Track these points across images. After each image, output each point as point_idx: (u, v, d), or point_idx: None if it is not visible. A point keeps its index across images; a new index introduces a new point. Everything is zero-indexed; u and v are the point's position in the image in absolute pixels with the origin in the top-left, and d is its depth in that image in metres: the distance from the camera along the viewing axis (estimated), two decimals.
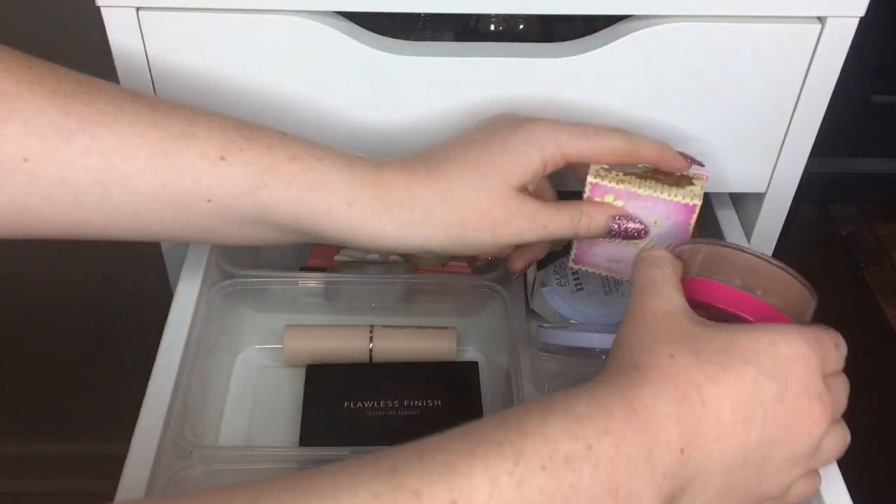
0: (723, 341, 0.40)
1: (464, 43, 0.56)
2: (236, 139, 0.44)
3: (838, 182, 0.86)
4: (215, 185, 0.44)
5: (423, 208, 0.46)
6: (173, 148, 0.43)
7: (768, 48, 0.53)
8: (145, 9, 0.51)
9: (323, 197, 0.45)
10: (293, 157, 0.45)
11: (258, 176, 0.44)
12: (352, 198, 0.46)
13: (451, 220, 0.47)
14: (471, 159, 0.47)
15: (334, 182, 0.45)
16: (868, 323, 0.80)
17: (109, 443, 0.84)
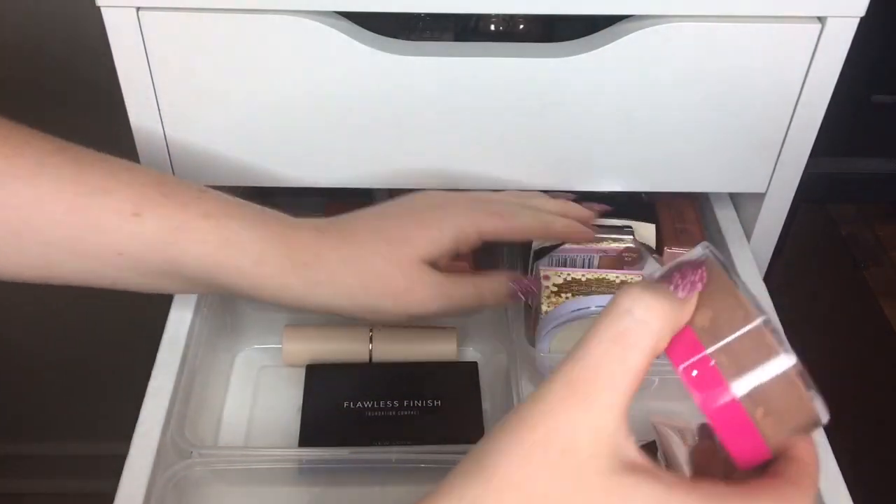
0: None
1: (464, 43, 0.56)
2: (153, 196, 0.45)
3: (838, 182, 0.86)
4: (127, 240, 0.45)
5: (329, 270, 0.47)
6: (88, 203, 0.44)
7: (768, 48, 0.53)
8: (145, 9, 0.51)
9: (233, 254, 0.46)
10: (207, 215, 0.46)
11: (171, 232, 0.45)
12: (261, 256, 0.46)
13: (354, 285, 0.48)
14: (382, 228, 0.49)
15: (245, 240, 0.46)
16: (868, 323, 0.80)
17: (109, 443, 0.84)
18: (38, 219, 0.44)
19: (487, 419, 0.59)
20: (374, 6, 0.51)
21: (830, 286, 0.89)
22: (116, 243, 0.45)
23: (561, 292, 0.56)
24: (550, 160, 0.58)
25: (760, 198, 0.61)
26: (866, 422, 0.83)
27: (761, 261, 0.64)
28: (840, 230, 0.85)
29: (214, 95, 0.55)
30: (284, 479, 0.55)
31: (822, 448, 0.51)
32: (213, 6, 0.51)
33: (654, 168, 0.59)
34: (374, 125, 0.56)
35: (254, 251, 0.46)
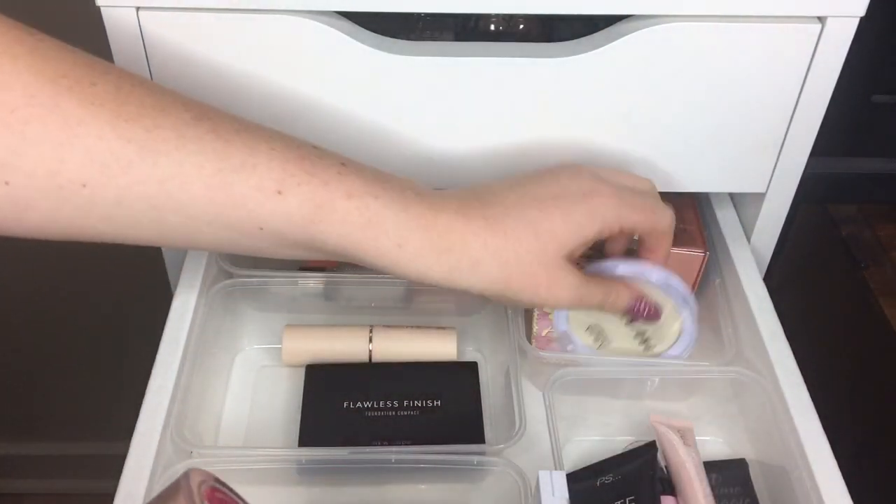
0: None
1: (464, 43, 0.56)
2: (295, 172, 0.44)
3: (838, 182, 0.86)
4: (269, 216, 0.44)
5: (473, 258, 0.47)
6: (231, 180, 0.43)
7: (768, 48, 0.53)
8: (145, 9, 0.51)
9: (374, 236, 0.45)
10: (349, 195, 0.45)
11: (313, 211, 0.45)
12: (403, 239, 0.46)
13: (497, 276, 0.47)
14: (530, 219, 0.47)
15: (387, 222, 0.45)
16: (868, 323, 0.80)
17: (109, 443, 0.84)
18: (179, 194, 0.43)
19: (487, 419, 0.59)
20: (374, 6, 0.51)
21: (830, 286, 0.89)
22: (258, 219, 0.44)
23: None
24: (550, 160, 0.58)
25: (760, 198, 0.61)
26: (866, 422, 0.83)
27: (761, 261, 0.64)
28: (840, 230, 0.85)
29: (214, 95, 0.54)
30: (284, 479, 0.55)
31: (822, 447, 0.51)
32: (213, 6, 0.51)
33: (654, 168, 0.59)
34: (375, 125, 0.56)
35: (396, 234, 0.45)
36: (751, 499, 0.54)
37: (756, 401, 0.56)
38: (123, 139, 0.41)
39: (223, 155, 0.43)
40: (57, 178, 0.41)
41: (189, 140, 0.43)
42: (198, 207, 0.44)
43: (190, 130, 0.43)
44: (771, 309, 0.59)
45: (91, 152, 0.41)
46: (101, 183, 0.42)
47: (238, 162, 0.43)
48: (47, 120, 0.40)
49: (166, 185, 0.43)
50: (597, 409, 0.60)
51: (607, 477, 0.51)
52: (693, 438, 0.53)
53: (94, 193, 0.42)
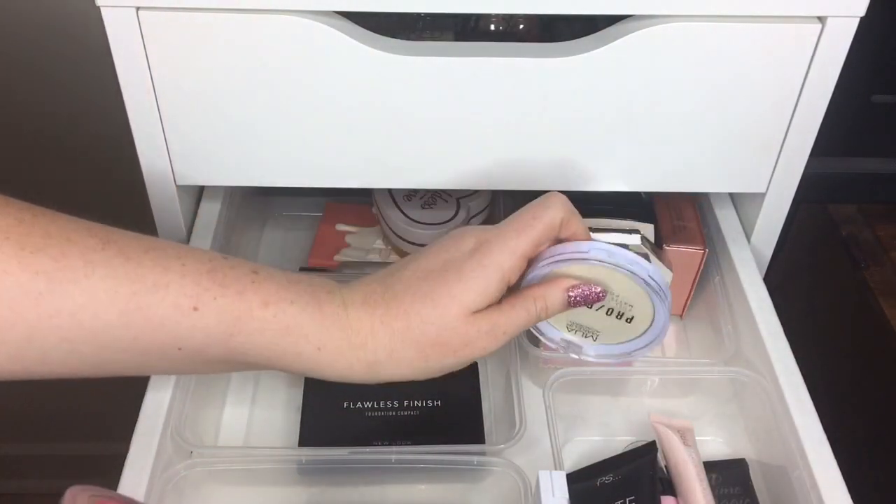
0: None
1: (464, 43, 0.56)
2: (209, 286, 0.44)
3: (838, 182, 0.86)
4: (187, 334, 0.44)
5: (386, 348, 0.46)
6: (146, 301, 0.42)
7: (768, 48, 0.53)
8: (145, 9, 0.51)
9: (294, 341, 0.45)
10: (266, 303, 0.44)
11: (231, 323, 0.44)
12: (321, 342, 0.45)
13: (413, 357, 0.46)
14: (426, 291, 0.46)
15: (305, 326, 0.45)
16: (868, 323, 0.80)
17: (109, 443, 0.84)
18: (92, 323, 0.41)
19: (487, 419, 0.59)
20: (374, 6, 0.51)
21: (830, 286, 0.89)
22: (176, 338, 0.43)
23: None
24: (550, 160, 0.58)
25: (760, 198, 0.61)
26: (866, 422, 0.83)
27: (761, 261, 0.64)
28: (840, 230, 0.85)
29: (214, 95, 0.55)
30: (284, 479, 0.55)
31: (822, 447, 0.51)
32: (213, 6, 0.51)
33: (654, 168, 0.59)
34: (374, 125, 0.56)
35: (315, 337, 0.45)
36: (750, 499, 0.54)
37: (756, 400, 0.56)
38: (31, 272, 0.40)
39: (134, 277, 0.42)
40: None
41: (98, 265, 0.42)
42: (113, 334, 0.42)
43: (97, 255, 0.42)
44: (771, 309, 0.59)
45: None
46: (9, 320, 0.40)
47: (151, 283, 0.43)
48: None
49: (78, 315, 0.41)
50: (597, 409, 0.60)
51: (607, 477, 0.51)
52: (693, 438, 0.53)
53: (3, 330, 0.40)
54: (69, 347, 0.42)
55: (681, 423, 0.54)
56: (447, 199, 0.68)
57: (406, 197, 0.68)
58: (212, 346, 0.44)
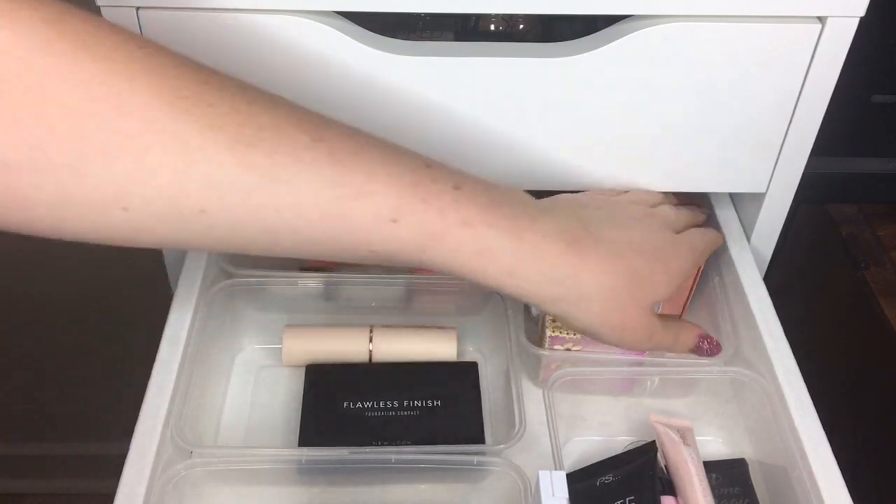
0: None
1: (464, 43, 0.56)
2: (411, 200, 0.43)
3: (838, 182, 0.86)
4: (382, 242, 0.44)
5: (581, 293, 0.47)
6: (348, 207, 0.42)
7: (768, 48, 0.53)
8: (145, 8, 0.51)
9: (485, 264, 0.45)
10: (464, 223, 0.44)
11: (426, 239, 0.44)
12: (512, 268, 0.46)
13: (597, 313, 0.48)
14: (639, 268, 0.49)
15: (499, 251, 0.45)
16: (868, 323, 0.80)
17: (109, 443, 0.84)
18: (296, 221, 0.42)
19: (487, 419, 0.59)
20: (374, 6, 0.51)
21: (830, 286, 0.89)
22: (369, 242, 0.44)
23: None
24: (550, 160, 0.58)
25: (760, 198, 0.61)
26: (866, 422, 0.83)
27: (761, 261, 0.64)
28: (840, 230, 0.85)
29: None
30: (284, 479, 0.55)
31: (822, 447, 0.51)
32: (213, 6, 0.51)
33: (654, 168, 0.59)
34: (374, 125, 0.56)
35: (505, 263, 0.45)
36: (750, 499, 0.54)
37: (756, 400, 0.56)
38: (243, 166, 0.40)
39: (340, 181, 0.42)
40: (176, 205, 0.40)
41: (307, 165, 0.42)
42: (312, 231, 0.43)
43: (308, 154, 0.42)
44: (771, 309, 0.59)
45: (211, 180, 0.40)
46: (219, 209, 0.41)
47: (356, 189, 0.43)
48: (168, 147, 0.39)
49: (284, 212, 0.42)
50: (597, 409, 0.60)
51: (607, 477, 0.51)
52: (693, 438, 0.53)
53: (212, 219, 0.41)
54: (271, 238, 0.43)
55: (681, 422, 0.55)
56: None
57: None
58: (402, 254, 0.44)
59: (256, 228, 0.42)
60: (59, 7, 0.39)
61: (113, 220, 0.40)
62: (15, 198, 0.39)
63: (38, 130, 0.37)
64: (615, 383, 0.61)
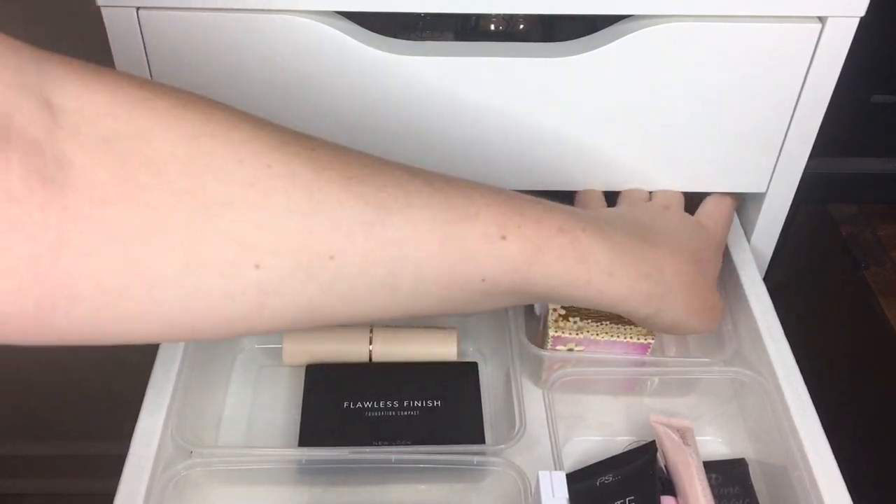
0: None
1: (464, 43, 0.56)
2: (511, 215, 0.43)
3: (838, 182, 0.86)
4: (493, 265, 0.43)
5: (667, 284, 0.48)
6: (460, 231, 0.42)
7: (768, 48, 0.53)
8: (145, 8, 0.51)
9: (587, 268, 0.45)
10: (561, 230, 0.44)
11: (533, 252, 0.44)
12: (612, 268, 0.46)
13: (680, 303, 0.49)
14: (696, 249, 0.52)
15: (598, 253, 0.45)
16: (868, 323, 0.80)
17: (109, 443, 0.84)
18: (415, 254, 0.41)
19: (487, 419, 0.59)
20: (374, 6, 0.51)
21: (830, 286, 0.89)
22: (482, 269, 0.43)
23: (569, 316, 0.57)
24: (550, 160, 0.58)
25: (760, 198, 0.61)
26: (866, 422, 0.83)
27: (761, 261, 0.64)
28: (840, 230, 0.85)
29: (214, 95, 0.54)
30: (284, 479, 0.55)
31: (822, 447, 0.51)
32: (213, 6, 0.51)
33: (654, 168, 0.59)
34: (375, 125, 0.56)
35: (605, 264, 0.46)
36: (750, 499, 0.54)
37: (756, 400, 0.56)
38: (361, 201, 0.39)
39: (446, 206, 0.42)
40: (306, 254, 0.38)
41: (414, 196, 0.41)
42: (431, 266, 0.42)
43: (411, 185, 0.41)
44: (771, 309, 0.59)
45: (335, 219, 0.38)
46: (346, 252, 0.39)
47: (462, 212, 0.42)
48: (289, 190, 0.37)
49: (404, 247, 0.40)
50: (597, 409, 0.60)
51: (607, 477, 0.51)
52: (693, 438, 0.53)
53: (340, 266, 0.39)
54: (393, 282, 0.41)
55: (681, 422, 0.55)
56: None
57: None
58: (511, 274, 0.44)
59: (380, 272, 0.40)
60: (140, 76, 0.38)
61: (245, 282, 0.37)
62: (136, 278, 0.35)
63: (158, 188, 0.35)
64: (617, 383, 0.61)
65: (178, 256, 0.36)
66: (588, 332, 0.56)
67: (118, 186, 0.34)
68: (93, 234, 0.34)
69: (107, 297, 0.35)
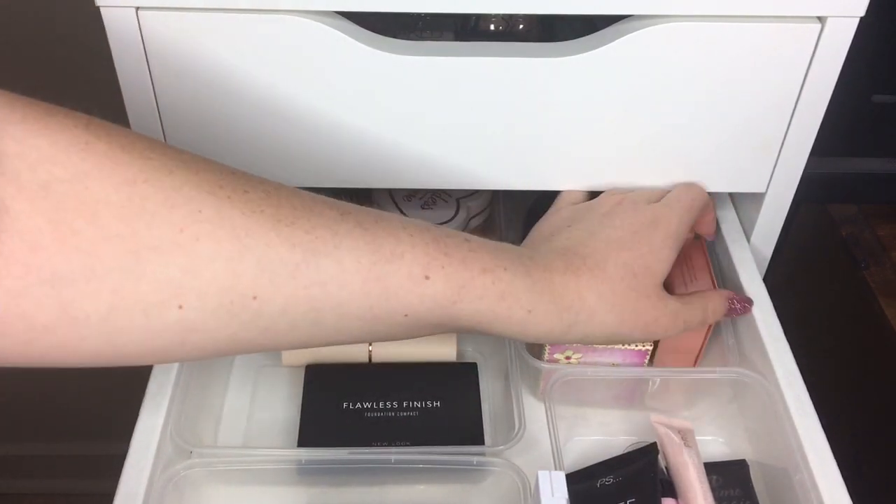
0: None
1: (464, 43, 0.56)
2: (436, 255, 0.45)
3: (838, 182, 0.86)
4: (417, 302, 0.45)
5: (589, 310, 0.49)
6: (385, 271, 0.44)
7: (768, 48, 0.53)
8: (145, 9, 0.51)
9: (508, 306, 0.47)
10: (484, 270, 0.46)
11: (455, 291, 0.45)
12: (532, 305, 0.47)
13: (611, 321, 0.49)
14: (626, 261, 0.50)
15: (518, 292, 0.47)
16: (868, 323, 0.80)
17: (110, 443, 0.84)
18: (339, 293, 0.43)
19: (487, 419, 0.59)
20: (374, 6, 0.51)
21: (830, 286, 0.89)
22: (405, 306, 0.45)
23: None
24: (550, 160, 0.58)
25: (760, 198, 0.61)
26: (866, 422, 0.83)
27: (761, 261, 0.64)
28: (840, 230, 0.85)
29: (214, 95, 0.54)
30: (284, 479, 0.55)
31: (822, 448, 0.51)
32: (213, 6, 0.51)
33: (654, 168, 0.59)
34: (374, 125, 0.56)
35: (525, 301, 0.47)
36: (751, 500, 0.54)
37: (756, 401, 0.56)
38: (288, 244, 0.41)
39: (374, 248, 0.44)
40: (229, 295, 0.40)
41: (343, 237, 0.43)
42: (354, 303, 0.43)
43: (341, 227, 0.43)
44: (771, 309, 0.59)
45: (261, 262, 0.40)
46: (269, 292, 0.41)
47: (388, 252, 0.44)
48: (218, 235, 0.40)
49: (328, 286, 0.42)
50: (597, 409, 0.60)
51: (607, 478, 0.51)
52: (694, 439, 0.53)
53: (263, 304, 0.41)
54: (315, 317, 0.43)
55: (681, 423, 0.54)
56: (447, 200, 0.68)
57: (406, 197, 0.68)
58: (435, 312, 0.45)
59: (301, 309, 0.42)
60: (86, 115, 0.40)
61: (167, 322, 0.40)
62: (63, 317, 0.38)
63: (90, 233, 0.37)
64: (617, 397, 0.60)
65: (105, 298, 0.38)
66: None
67: (52, 233, 0.37)
68: (25, 279, 0.36)
69: (33, 334, 0.38)
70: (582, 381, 0.57)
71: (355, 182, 0.59)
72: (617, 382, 0.59)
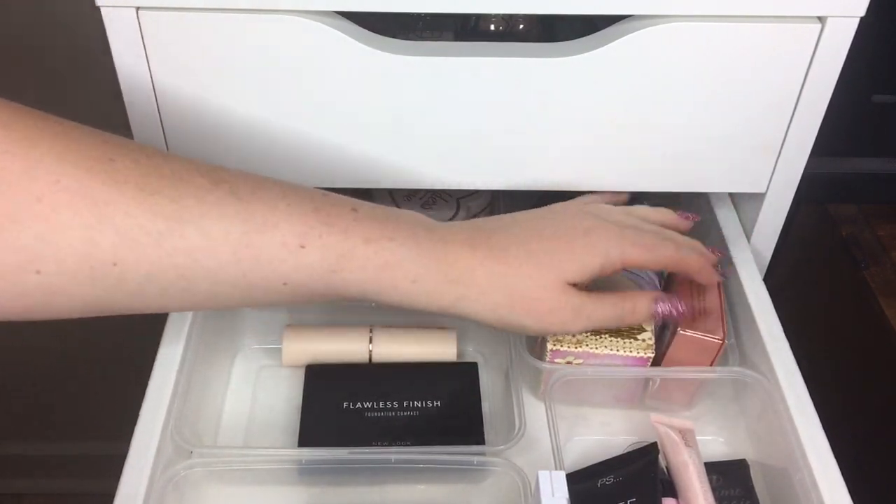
0: None
1: (464, 43, 0.56)
2: (314, 225, 0.46)
3: (838, 182, 0.86)
4: (293, 271, 0.45)
5: (479, 287, 0.49)
6: (256, 240, 0.44)
7: (768, 48, 0.53)
8: (145, 9, 0.51)
9: (391, 275, 0.47)
10: (367, 240, 0.47)
11: (335, 261, 0.46)
12: (417, 275, 0.47)
13: (501, 302, 0.49)
14: (533, 250, 0.50)
15: (403, 261, 0.47)
16: (868, 323, 0.80)
17: (109, 443, 0.84)
18: (208, 261, 0.44)
19: (487, 419, 0.59)
20: (374, 6, 0.51)
21: (830, 286, 0.89)
22: (282, 275, 0.45)
23: None
24: (550, 160, 0.58)
25: (760, 198, 0.61)
26: (866, 422, 0.83)
27: (761, 261, 0.64)
28: (840, 230, 0.85)
29: (214, 95, 0.54)
30: (284, 479, 0.55)
31: (822, 448, 0.51)
32: (213, 6, 0.51)
33: (654, 168, 0.59)
34: (374, 125, 0.56)
35: (411, 271, 0.47)
36: (751, 500, 0.54)
37: (757, 401, 0.56)
38: (151, 213, 0.42)
39: (245, 217, 0.44)
40: (88, 260, 0.41)
41: (211, 206, 0.44)
42: (226, 272, 0.44)
43: (211, 196, 0.44)
44: (771, 309, 0.59)
45: (121, 230, 0.42)
46: (131, 259, 0.42)
47: (261, 222, 0.44)
48: (76, 204, 0.41)
49: (195, 254, 0.43)
50: (597, 409, 0.60)
51: (608, 478, 0.51)
52: (694, 439, 0.53)
53: (125, 271, 0.42)
54: (185, 285, 0.44)
55: (682, 423, 0.54)
56: (447, 200, 0.68)
57: (406, 197, 0.68)
58: (315, 281, 0.46)
59: (170, 276, 0.43)
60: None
61: (27, 286, 0.41)
62: None
63: None
64: (617, 397, 0.60)
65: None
66: (587, 346, 0.56)
67: None
68: None
69: None
70: (582, 381, 0.57)
71: (355, 182, 0.59)
72: (617, 382, 0.59)
